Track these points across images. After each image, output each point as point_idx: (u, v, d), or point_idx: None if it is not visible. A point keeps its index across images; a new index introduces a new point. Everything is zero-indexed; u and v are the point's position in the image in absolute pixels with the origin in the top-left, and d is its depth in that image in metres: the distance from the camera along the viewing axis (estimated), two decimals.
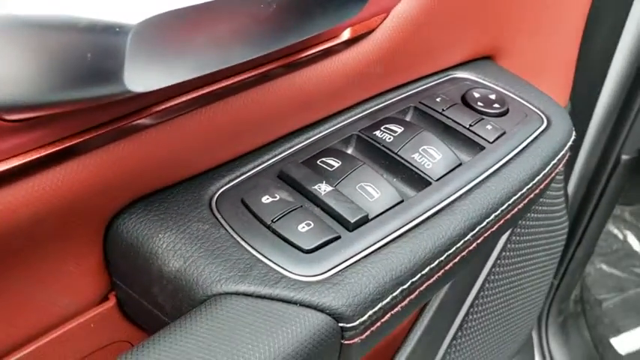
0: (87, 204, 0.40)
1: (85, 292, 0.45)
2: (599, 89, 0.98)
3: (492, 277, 0.76)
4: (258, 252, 0.41)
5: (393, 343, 0.70)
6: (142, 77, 0.30)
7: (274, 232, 0.42)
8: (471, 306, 0.75)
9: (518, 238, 0.78)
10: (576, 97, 0.84)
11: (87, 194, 0.39)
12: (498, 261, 0.76)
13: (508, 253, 0.77)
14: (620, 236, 1.80)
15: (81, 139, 0.36)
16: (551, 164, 0.55)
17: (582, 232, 1.33)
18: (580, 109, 0.93)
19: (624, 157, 1.19)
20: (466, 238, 0.47)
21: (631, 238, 1.80)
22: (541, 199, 0.78)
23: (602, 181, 1.23)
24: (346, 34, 0.48)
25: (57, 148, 0.35)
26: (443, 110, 0.56)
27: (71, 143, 0.35)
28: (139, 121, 0.39)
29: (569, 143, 0.58)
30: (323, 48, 0.46)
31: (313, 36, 0.43)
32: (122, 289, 0.46)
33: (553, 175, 0.57)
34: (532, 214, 0.80)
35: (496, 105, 0.58)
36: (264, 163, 0.48)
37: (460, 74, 0.62)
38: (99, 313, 0.46)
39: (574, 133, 0.59)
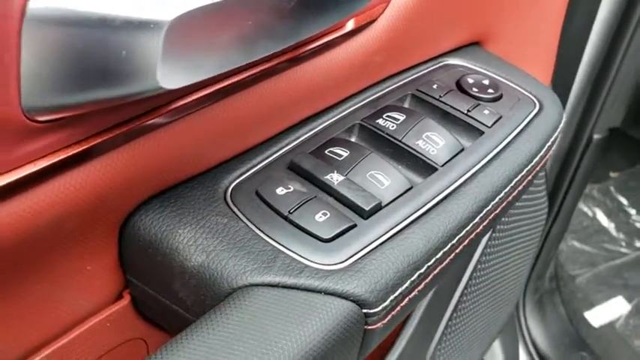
0: (105, 203, 0.39)
1: (101, 291, 0.45)
2: (574, 70, 1.00)
3: (484, 259, 0.78)
4: (279, 243, 0.42)
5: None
6: (173, 73, 0.30)
7: (292, 222, 0.43)
8: (466, 287, 0.77)
9: (506, 219, 0.80)
10: (554, 78, 0.86)
11: (106, 194, 0.38)
12: (489, 242, 0.78)
13: (497, 234, 0.79)
14: (590, 213, 1.86)
15: (102, 139, 0.36)
16: (546, 146, 0.57)
17: (557, 211, 1.36)
18: (558, 90, 0.96)
19: (596, 136, 1.23)
20: (474, 221, 0.49)
21: (600, 215, 1.86)
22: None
23: (575, 160, 1.27)
24: (350, 25, 0.48)
25: (81, 148, 0.34)
26: (440, 97, 0.57)
27: (94, 143, 0.35)
28: (153, 120, 0.39)
29: (561, 125, 0.60)
30: (329, 39, 0.47)
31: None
32: (137, 287, 0.46)
33: (547, 157, 0.59)
34: (524, 196, 0.82)
35: (490, 90, 0.59)
36: (272, 155, 0.48)
37: (452, 61, 0.64)
38: (114, 311, 0.46)
39: (564, 115, 0.61)
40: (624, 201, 1.91)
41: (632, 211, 1.88)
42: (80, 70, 0.28)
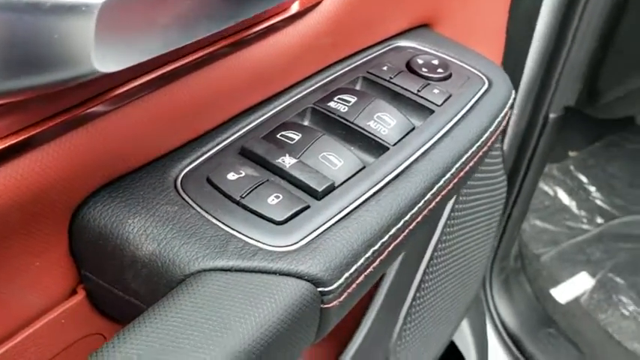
0: (50, 195, 0.39)
1: (53, 288, 0.44)
2: (526, 50, 1.02)
3: (444, 238, 0.79)
4: (232, 228, 0.41)
5: (357, 311, 0.71)
6: (109, 56, 0.30)
7: (244, 207, 0.43)
8: (428, 266, 0.78)
9: (464, 198, 0.81)
10: (506, 59, 0.88)
11: (50, 185, 0.38)
12: (448, 222, 0.79)
13: (456, 214, 0.80)
14: (551, 192, 1.90)
15: (42, 128, 0.35)
16: (496, 122, 0.58)
17: (517, 191, 1.39)
18: (509, 70, 0.98)
19: (552, 115, 1.26)
20: (426, 197, 0.49)
21: (561, 194, 1.90)
22: (486, 161, 0.82)
23: (532, 140, 1.29)
24: (295, 7, 0.48)
25: (20, 139, 0.34)
26: (390, 78, 0.58)
27: (34, 132, 0.34)
28: (95, 108, 0.38)
29: (510, 101, 0.61)
30: (273, 22, 0.47)
31: (270, 10, 0.43)
32: (91, 281, 0.45)
33: (498, 132, 0.60)
34: (479, 175, 0.84)
35: (440, 70, 0.60)
36: (223, 141, 0.48)
37: (402, 43, 0.64)
38: (69, 307, 0.45)
39: (513, 91, 0.62)
40: (584, 179, 1.95)
41: (592, 189, 1.93)
42: (10, 55, 0.28)
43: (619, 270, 1.74)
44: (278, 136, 0.48)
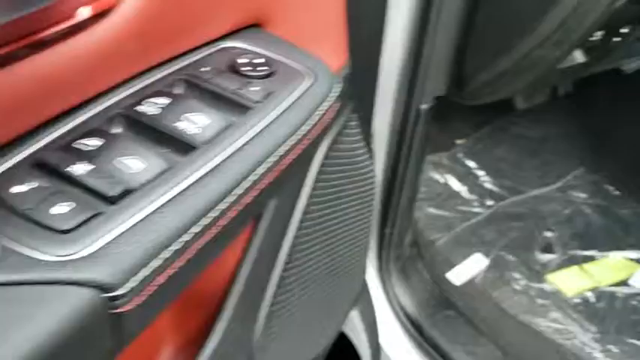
0: None
1: None
2: (379, 46, 1.05)
3: (302, 232, 0.80)
4: (14, 241, 0.40)
5: (207, 320, 0.71)
6: None
7: (29, 219, 0.42)
8: (288, 261, 0.79)
9: (321, 192, 0.83)
10: (358, 57, 0.90)
11: None
12: (306, 216, 0.80)
13: (314, 207, 0.82)
14: (442, 180, 1.96)
15: None
16: (317, 115, 0.59)
17: (401, 182, 1.43)
18: (365, 67, 1.00)
19: (423, 106, 1.30)
20: (238, 193, 0.50)
21: (451, 181, 1.97)
22: (340, 154, 0.84)
23: (408, 133, 1.33)
24: (85, 13, 0.48)
25: None
26: (210, 79, 0.58)
27: None
28: None
29: (334, 94, 0.63)
30: (56, 30, 0.46)
31: (44, 18, 0.42)
32: None
33: (322, 126, 0.61)
34: (334, 168, 0.85)
35: (262, 68, 0.61)
36: (17, 155, 0.47)
37: (229, 44, 0.64)
38: None
39: (338, 85, 0.64)
40: (472, 164, 2.03)
41: (481, 173, 2.01)
42: None
43: (510, 248, 1.82)
44: (76, 144, 0.48)
